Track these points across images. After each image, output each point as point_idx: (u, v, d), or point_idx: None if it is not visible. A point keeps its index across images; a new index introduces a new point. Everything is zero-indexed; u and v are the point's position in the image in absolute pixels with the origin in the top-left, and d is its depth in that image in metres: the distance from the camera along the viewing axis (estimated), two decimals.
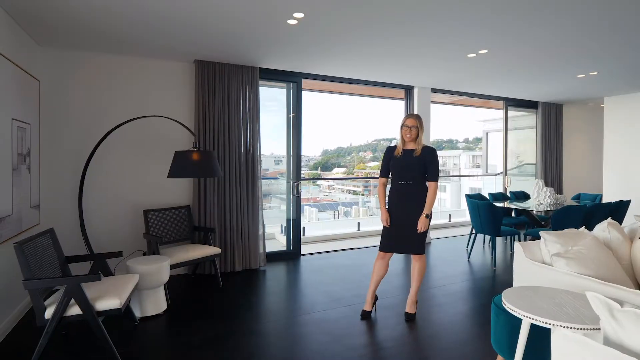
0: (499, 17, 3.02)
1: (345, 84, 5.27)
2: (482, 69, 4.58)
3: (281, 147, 5.01)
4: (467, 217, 8.76)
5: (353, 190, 18.07)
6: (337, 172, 19.32)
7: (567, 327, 1.80)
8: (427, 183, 3.10)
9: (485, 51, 3.87)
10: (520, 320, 2.29)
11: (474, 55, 4.00)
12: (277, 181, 6.01)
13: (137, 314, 3.17)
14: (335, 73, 4.84)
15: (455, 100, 6.36)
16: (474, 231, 5.15)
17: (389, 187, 3.27)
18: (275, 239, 5.96)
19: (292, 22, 3.08)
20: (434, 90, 5.76)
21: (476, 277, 4.28)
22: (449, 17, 3.02)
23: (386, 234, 3.18)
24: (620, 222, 4.94)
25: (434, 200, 3.07)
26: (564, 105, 7.15)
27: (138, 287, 3.11)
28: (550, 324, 1.88)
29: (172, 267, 3.52)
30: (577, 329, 1.82)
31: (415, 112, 5.58)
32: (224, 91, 4.29)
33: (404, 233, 3.11)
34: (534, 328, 2.21)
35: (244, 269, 4.45)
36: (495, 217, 4.47)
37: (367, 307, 3.26)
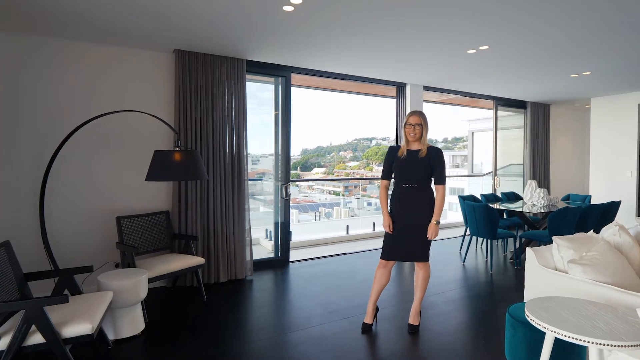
0: (503, 10, 2.84)
1: (335, 80, 5.00)
2: (481, 66, 4.42)
3: (259, 146, 4.74)
4: (448, 219, 8.71)
5: (333, 191, 17.91)
6: (317, 172, 19.08)
7: (620, 346, 1.62)
8: (435, 187, 2.91)
9: (486, 47, 3.71)
10: (541, 332, 2.12)
11: (474, 51, 3.83)
12: (257, 182, 5.70)
13: (111, 336, 2.79)
14: (328, 68, 4.56)
15: (444, 99, 6.24)
16: (467, 233, 5.02)
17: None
18: (260, 245, 5.63)
19: (288, 8, 2.78)
20: (424, 89, 5.59)
21: (474, 282, 4.12)
22: (452, 10, 2.83)
23: (389, 241, 2.95)
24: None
25: (443, 205, 2.88)
26: (552, 106, 7.18)
27: (112, 306, 2.72)
28: (587, 342, 1.71)
29: (150, 280, 3.15)
30: (626, 346, 1.64)
31: (408, 110, 5.39)
32: (207, 84, 3.92)
33: (408, 239, 2.90)
34: (555, 341, 2.04)
35: (230, 279, 4.10)
36: (492, 220, 4.34)
37: (368, 320, 3.02)
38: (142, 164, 3.80)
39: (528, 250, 2.72)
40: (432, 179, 2.91)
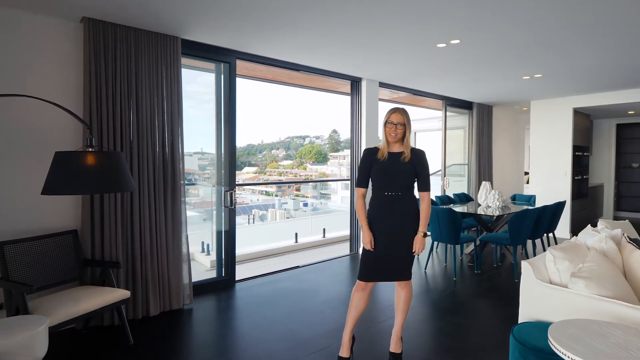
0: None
1: (284, 70, 4.40)
2: (446, 62, 4.14)
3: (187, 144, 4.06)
4: None
5: (265, 191, 17.14)
6: (248, 171, 18.15)
7: None
8: (419, 194, 2.52)
9: (457, 41, 3.42)
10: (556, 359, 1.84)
11: (444, 45, 3.52)
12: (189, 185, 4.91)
13: None
14: (278, 55, 3.95)
15: (394, 98, 5.99)
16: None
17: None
18: (195, 260, 4.81)
19: None
20: (379, 85, 5.24)
21: (442, 292, 3.84)
22: None
23: (369, 259, 2.49)
24: (557, 223, 5.09)
25: (429, 215, 2.51)
26: (494, 107, 7.37)
27: None
28: None
29: (52, 327, 2.29)
30: None
31: (364, 107, 5.00)
32: (130, 67, 3.07)
33: (392, 256, 2.47)
34: None
35: (163, 311, 3.28)
36: (456, 224, 4.13)
37: (344, 353, 2.52)
38: (40, 168, 2.82)
39: (523, 263, 2.47)
40: (415, 185, 2.53)
